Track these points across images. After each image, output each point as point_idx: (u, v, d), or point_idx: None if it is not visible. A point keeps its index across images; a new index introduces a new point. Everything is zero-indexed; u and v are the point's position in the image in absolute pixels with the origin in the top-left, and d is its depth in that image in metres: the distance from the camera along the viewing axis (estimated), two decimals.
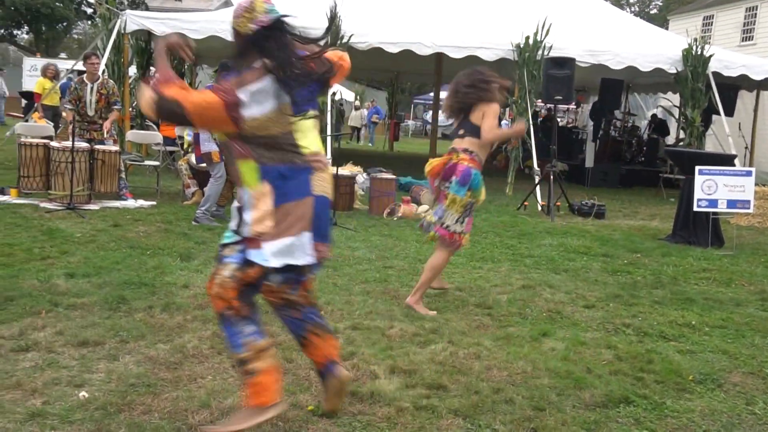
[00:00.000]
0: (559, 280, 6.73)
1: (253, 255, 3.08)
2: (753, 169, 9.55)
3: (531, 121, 12.93)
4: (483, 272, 6.89)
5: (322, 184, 3.38)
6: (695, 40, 14.06)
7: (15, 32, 42.48)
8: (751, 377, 4.44)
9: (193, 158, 9.70)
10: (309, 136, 3.30)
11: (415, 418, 3.56)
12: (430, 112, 24.06)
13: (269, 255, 3.04)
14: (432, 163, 5.85)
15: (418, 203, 10.53)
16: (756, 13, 26.78)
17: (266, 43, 3.08)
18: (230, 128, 3.04)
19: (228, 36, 12.10)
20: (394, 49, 12.96)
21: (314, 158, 3.30)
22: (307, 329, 3.43)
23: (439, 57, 14.34)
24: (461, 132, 5.59)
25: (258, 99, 3.00)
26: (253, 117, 3.00)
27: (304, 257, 3.13)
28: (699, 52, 13.58)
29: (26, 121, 13.54)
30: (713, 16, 29.40)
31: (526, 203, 11.50)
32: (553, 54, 12.58)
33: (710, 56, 13.63)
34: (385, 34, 12.86)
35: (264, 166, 3.07)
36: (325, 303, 5.40)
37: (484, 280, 6.55)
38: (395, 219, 9.75)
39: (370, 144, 29.36)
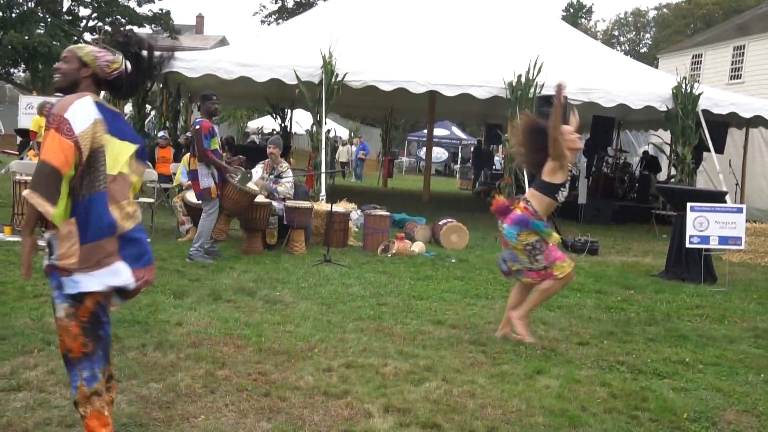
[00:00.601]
0: (552, 317, 6.72)
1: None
2: (744, 206, 9.60)
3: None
4: (477, 309, 6.89)
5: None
6: (685, 78, 14.19)
7: (12, 70, 42.67)
8: (746, 415, 4.43)
9: (188, 195, 9.69)
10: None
11: None
12: (424, 149, 24.17)
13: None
14: (497, 200, 6.00)
15: (413, 239, 10.53)
16: (744, 53, 27.12)
17: None
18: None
19: (221, 73, 12.22)
20: (388, 87, 13.06)
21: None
22: None
23: (433, 95, 14.47)
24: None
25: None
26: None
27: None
28: (688, 91, 13.70)
29: (21, 158, 13.56)
30: (702, 55, 29.76)
31: None
32: (545, 92, 12.67)
33: (700, 94, 13.74)
34: (379, 72, 12.97)
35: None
36: (319, 341, 5.39)
37: (479, 317, 6.54)
38: (389, 256, 9.75)
39: (358, 180, 29.42)
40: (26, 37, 38.02)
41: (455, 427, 3.94)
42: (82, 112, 3.10)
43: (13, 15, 39.91)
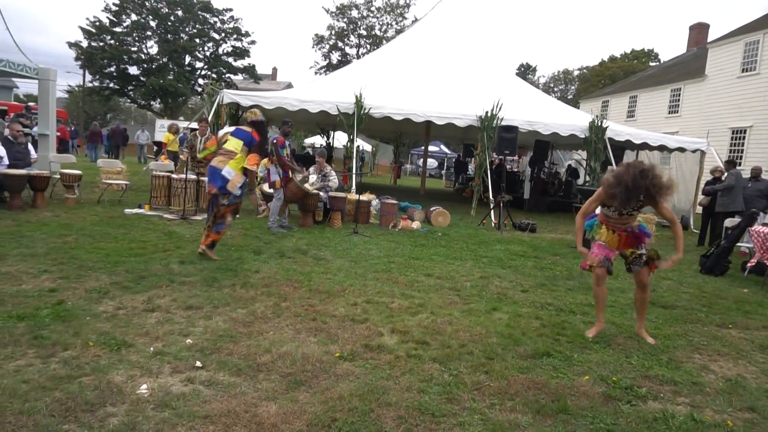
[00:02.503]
0: (505, 273, 6.72)
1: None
2: None
3: (488, 168, 12.94)
4: (454, 267, 6.89)
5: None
6: (597, 116, 14.09)
7: (151, 102, 42.87)
8: (630, 340, 4.42)
9: (265, 186, 9.76)
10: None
11: (407, 363, 3.56)
12: (422, 160, 24.05)
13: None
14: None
15: (412, 219, 10.52)
16: (636, 100, 26.87)
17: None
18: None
19: (287, 107, 12.20)
20: (398, 117, 13.01)
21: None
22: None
23: (428, 123, 14.40)
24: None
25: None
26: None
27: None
28: (599, 124, 13.59)
29: (157, 161, 13.61)
30: (609, 100, 29.47)
31: (484, 221, 11.49)
32: (503, 123, 12.60)
33: (606, 127, 13.63)
34: (393, 107, 12.91)
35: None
36: (349, 285, 5.41)
37: (455, 272, 6.55)
38: (397, 230, 9.75)
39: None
40: (161, 81, 38.18)
41: (438, 344, 3.95)
42: (224, 130, 4.03)
43: (154, 66, 40.04)
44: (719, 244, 8.09)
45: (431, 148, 33.74)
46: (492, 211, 11.83)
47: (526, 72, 59.79)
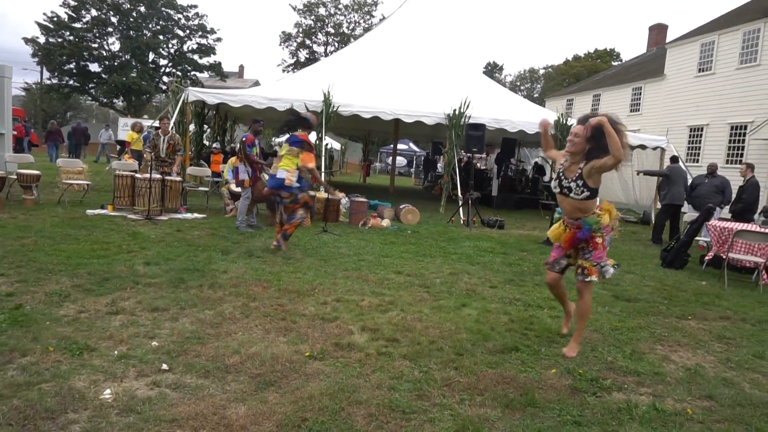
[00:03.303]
0: (474, 270, 6.77)
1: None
2: (598, 198, 9.71)
3: (456, 165, 13.04)
4: (424, 264, 6.92)
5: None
6: (562, 114, 14.33)
7: (114, 100, 41.80)
8: (595, 333, 4.51)
9: (232, 186, 9.63)
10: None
11: (377, 361, 3.56)
12: (391, 158, 24.09)
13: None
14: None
15: (382, 217, 10.54)
16: (600, 98, 27.45)
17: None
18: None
19: (254, 104, 12.07)
20: (367, 115, 12.98)
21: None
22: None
23: (397, 121, 14.39)
24: None
25: None
26: None
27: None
28: (564, 122, 13.82)
29: (119, 159, 13.28)
30: (573, 99, 30.03)
31: (453, 218, 11.58)
32: (471, 121, 12.71)
33: (571, 125, 13.76)
34: (361, 105, 12.87)
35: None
36: (318, 284, 5.38)
37: (425, 269, 6.57)
38: (367, 228, 9.74)
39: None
40: (124, 79, 37.27)
41: (408, 341, 3.96)
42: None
43: (116, 63, 39.04)
44: (678, 239, 8.33)
45: (400, 146, 33.82)
46: (461, 209, 11.93)
47: (492, 70, 60.46)
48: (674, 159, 11.35)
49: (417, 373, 3.41)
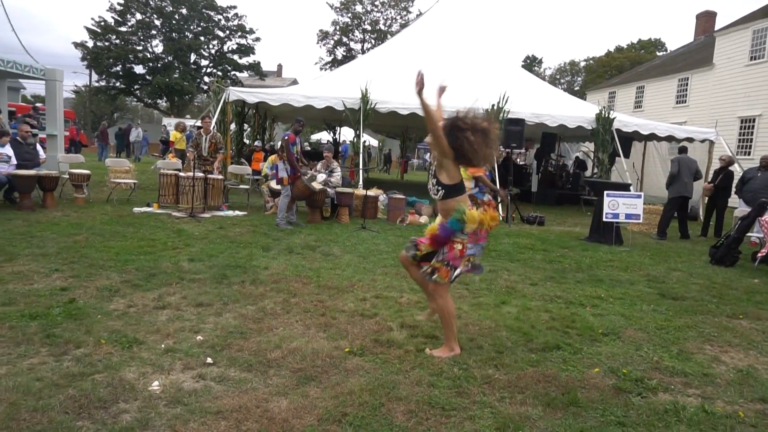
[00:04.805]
0: (513, 267, 6.70)
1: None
2: (642, 194, 9.47)
3: (495, 161, 12.88)
4: None
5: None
6: (604, 107, 14.01)
7: (158, 101, 43.06)
8: (640, 332, 4.40)
9: (271, 183, 9.80)
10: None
11: (416, 358, 3.57)
12: (428, 154, 24.04)
13: None
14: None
15: (420, 214, 10.53)
16: (644, 90, 26.68)
17: None
18: None
19: (293, 103, 12.20)
20: (404, 112, 12.97)
21: None
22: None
23: None
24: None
25: None
26: None
27: None
28: (606, 115, 13.51)
29: (164, 159, 13.68)
30: (615, 91, 29.27)
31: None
32: (510, 116, 12.55)
33: (613, 118, 13.55)
34: (399, 101, 12.87)
35: None
36: (358, 280, 5.42)
37: None
38: (405, 225, 9.75)
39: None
40: (167, 80, 38.30)
41: None
42: None
43: (159, 65, 40.17)
44: (728, 235, 8.03)
45: None
46: (500, 205, 11.80)
47: (531, 64, 59.47)
48: (682, 149, 10.90)
49: (456, 370, 3.40)
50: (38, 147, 9.63)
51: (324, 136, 33.84)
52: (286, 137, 8.57)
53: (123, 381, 2.98)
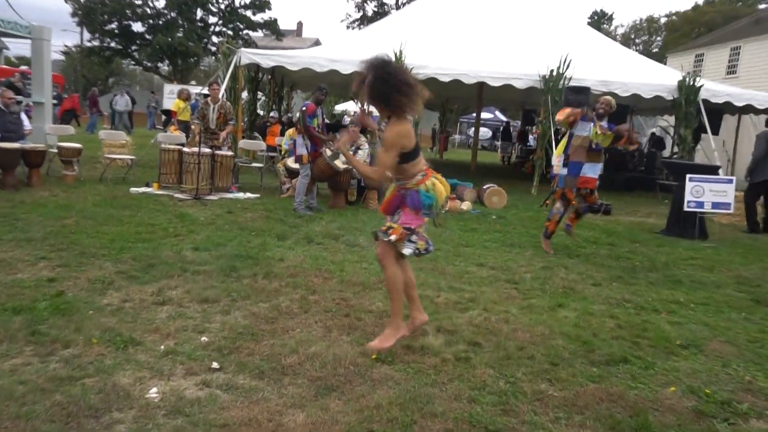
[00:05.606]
0: (572, 263, 6.61)
1: None
2: (734, 178, 9.20)
3: (553, 138, 12.72)
4: (511, 255, 6.83)
5: None
6: (688, 73, 13.71)
7: (159, 65, 43.71)
8: (727, 345, 4.30)
9: (289, 162, 9.86)
10: None
11: (455, 368, 3.56)
12: (473, 129, 23.82)
13: None
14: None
15: (462, 200, 10.47)
16: (739, 52, 25.83)
17: None
18: None
19: (315, 67, 12.20)
20: (445, 79, 12.89)
21: None
22: None
23: (481, 85, 14.20)
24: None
25: None
26: None
27: None
28: (691, 83, 13.20)
29: (165, 131, 13.91)
30: (703, 54, 28.43)
31: (547, 202, 11.31)
32: (572, 83, 12.36)
33: (700, 86, 13.23)
34: (439, 66, 12.79)
35: None
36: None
37: (513, 262, 6.49)
38: (443, 212, 9.70)
39: None
40: (169, 39, 38.78)
41: (492, 346, 3.93)
42: None
43: (161, 22, 40.69)
44: None
45: (483, 114, 33.31)
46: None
47: (600, 21, 58.19)
48: None
49: (502, 384, 3.38)
50: (23, 116, 9.89)
51: (350, 107, 33.84)
52: (305, 108, 8.60)
53: (117, 387, 3.05)
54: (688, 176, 8.71)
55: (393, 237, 3.71)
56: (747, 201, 10.05)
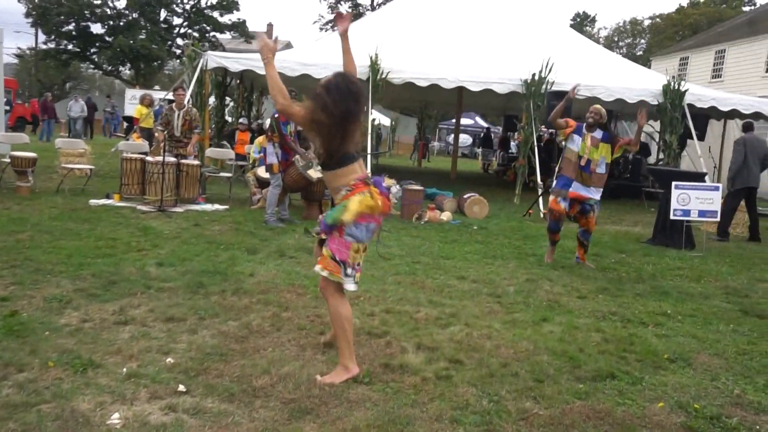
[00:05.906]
0: (557, 275, 6.68)
1: None
2: (720, 185, 9.40)
3: (535, 144, 12.86)
4: (494, 267, 6.87)
5: None
6: (673, 77, 13.93)
7: (120, 68, 43.36)
8: (716, 358, 4.37)
9: (259, 171, 9.84)
10: None
11: (436, 387, 3.57)
12: (452, 135, 23.98)
13: None
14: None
15: (442, 210, 10.52)
16: (724, 56, 26.43)
17: None
18: None
19: (286, 71, 12.22)
20: (423, 83, 12.97)
21: None
22: None
23: (461, 90, 14.32)
24: None
25: None
26: None
27: None
28: (676, 87, 13.43)
29: (127, 140, 13.78)
30: (688, 57, 29.03)
31: (530, 211, 11.43)
32: (554, 88, 12.52)
33: (685, 91, 13.48)
34: (416, 70, 12.88)
35: None
36: (364, 291, 5.41)
37: (495, 274, 6.53)
38: (422, 223, 9.75)
39: None
40: (131, 42, 38.53)
41: (474, 363, 3.95)
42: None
43: (121, 23, 40.40)
44: None
45: (464, 121, 33.59)
46: (540, 199, 11.76)
47: (582, 23, 59.11)
48: (747, 126, 10.64)
49: (486, 402, 3.40)
50: None
51: None
52: (276, 115, 8.59)
53: (75, 413, 3.01)
54: (674, 183, 8.85)
55: (325, 273, 3.63)
56: (725, 208, 10.26)
